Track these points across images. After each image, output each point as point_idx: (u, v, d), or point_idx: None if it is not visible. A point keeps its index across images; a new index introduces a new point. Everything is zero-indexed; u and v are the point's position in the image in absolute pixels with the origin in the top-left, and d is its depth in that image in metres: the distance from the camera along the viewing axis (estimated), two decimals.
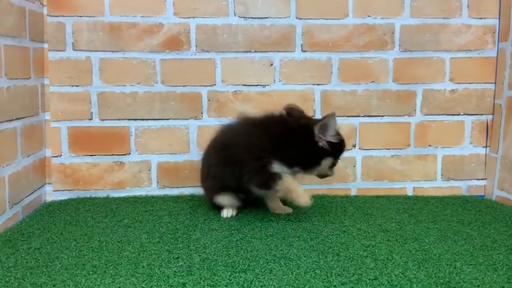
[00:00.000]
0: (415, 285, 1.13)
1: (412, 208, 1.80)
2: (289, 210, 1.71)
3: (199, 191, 1.97)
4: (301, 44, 1.96)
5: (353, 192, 2.02)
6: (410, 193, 2.03)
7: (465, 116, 2.02)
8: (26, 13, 1.72)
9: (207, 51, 1.93)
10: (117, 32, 1.90)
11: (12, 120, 1.62)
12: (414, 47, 1.98)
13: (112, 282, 1.13)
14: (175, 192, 1.98)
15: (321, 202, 1.86)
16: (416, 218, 1.67)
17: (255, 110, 1.94)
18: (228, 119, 1.93)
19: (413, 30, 1.97)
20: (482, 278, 1.17)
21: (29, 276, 1.17)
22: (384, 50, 1.97)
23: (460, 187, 2.05)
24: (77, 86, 1.91)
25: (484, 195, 2.04)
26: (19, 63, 1.68)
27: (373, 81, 1.98)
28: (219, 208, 1.69)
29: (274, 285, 1.12)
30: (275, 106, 1.95)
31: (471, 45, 2.00)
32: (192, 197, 1.93)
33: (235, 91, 1.96)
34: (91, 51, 1.90)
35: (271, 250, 1.35)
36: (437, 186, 2.04)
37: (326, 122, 1.54)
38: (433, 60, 1.99)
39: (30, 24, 1.76)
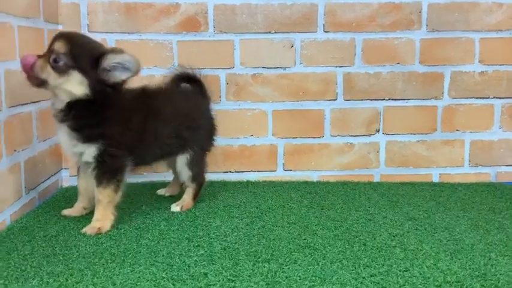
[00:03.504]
0: (448, 277, 1.07)
1: (439, 195, 1.73)
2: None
3: (217, 177, 1.92)
4: (324, 24, 1.88)
5: (376, 179, 1.95)
6: (436, 179, 1.95)
7: (495, 99, 1.93)
8: None
9: (225, 32, 1.87)
10: (133, 12, 1.84)
11: (27, 103, 1.57)
12: (442, 27, 1.89)
13: (131, 271, 1.09)
14: None
15: (344, 189, 1.80)
16: (444, 206, 1.60)
17: (274, 93, 1.88)
18: (247, 103, 1.87)
19: (442, 9, 1.88)
20: None
21: (46, 264, 1.13)
22: (411, 30, 1.88)
23: (488, 173, 1.97)
24: None
25: None
26: (33, 44, 1.63)
27: (398, 63, 1.90)
28: None
29: (300, 276, 1.07)
30: (296, 89, 1.90)
31: (502, 25, 1.90)
32: (210, 183, 1.89)
33: (255, 74, 1.89)
34: (106, 32, 1.84)
35: (295, 239, 1.29)
36: (465, 172, 1.96)
37: None
38: (462, 40, 1.90)
39: (45, 5, 1.71)
